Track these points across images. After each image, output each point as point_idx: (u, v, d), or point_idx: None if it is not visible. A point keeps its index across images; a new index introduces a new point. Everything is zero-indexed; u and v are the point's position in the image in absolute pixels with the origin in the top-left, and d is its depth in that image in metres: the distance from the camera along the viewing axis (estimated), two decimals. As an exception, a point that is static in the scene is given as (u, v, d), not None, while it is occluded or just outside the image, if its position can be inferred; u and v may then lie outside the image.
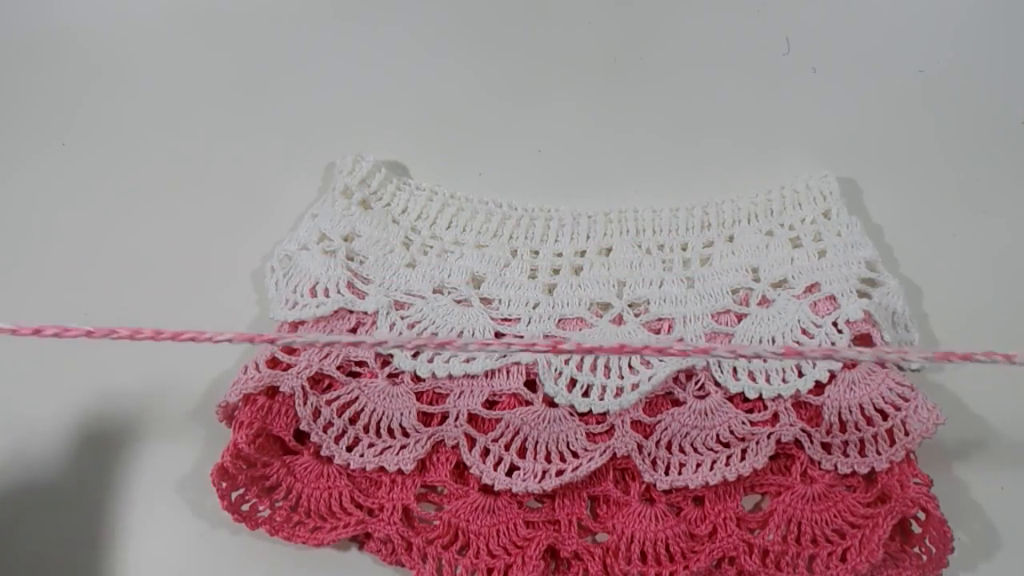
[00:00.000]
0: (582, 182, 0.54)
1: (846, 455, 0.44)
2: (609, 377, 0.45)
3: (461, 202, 0.52)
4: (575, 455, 0.44)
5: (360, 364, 0.46)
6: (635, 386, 0.45)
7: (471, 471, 0.43)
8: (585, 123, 0.56)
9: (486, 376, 0.45)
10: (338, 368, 0.45)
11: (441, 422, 0.45)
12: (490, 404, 0.45)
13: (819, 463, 0.44)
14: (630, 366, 0.45)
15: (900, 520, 0.42)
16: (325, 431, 0.44)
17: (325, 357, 0.45)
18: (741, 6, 0.60)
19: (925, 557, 0.41)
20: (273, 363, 0.45)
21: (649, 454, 0.44)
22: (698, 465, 0.44)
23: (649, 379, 0.45)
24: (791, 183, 0.51)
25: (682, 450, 0.44)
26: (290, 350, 0.46)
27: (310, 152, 0.54)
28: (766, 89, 0.57)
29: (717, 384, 0.45)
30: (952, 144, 0.55)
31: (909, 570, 0.41)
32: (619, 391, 0.45)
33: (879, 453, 0.43)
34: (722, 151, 0.55)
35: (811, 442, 0.44)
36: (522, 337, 0.46)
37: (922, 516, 0.41)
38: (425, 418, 0.45)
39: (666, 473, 0.44)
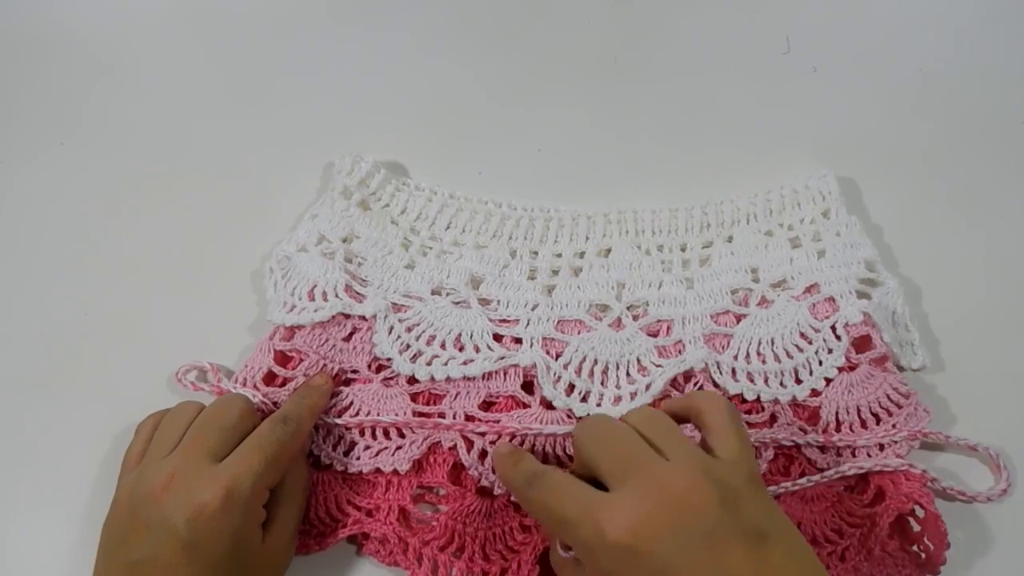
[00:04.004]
0: (582, 182, 0.54)
1: (839, 455, 0.44)
2: (606, 386, 0.45)
3: (460, 202, 0.52)
4: (572, 459, 0.43)
5: (355, 372, 0.46)
6: (633, 395, 0.45)
7: (469, 472, 0.43)
8: (585, 123, 0.56)
9: (483, 377, 0.45)
10: (333, 377, 0.45)
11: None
12: (487, 406, 0.45)
13: (815, 462, 0.44)
14: (628, 373, 0.46)
15: (899, 519, 0.42)
16: (324, 440, 0.45)
17: (321, 370, 0.45)
18: (741, 6, 0.60)
19: (924, 555, 0.41)
20: (270, 378, 0.45)
21: None
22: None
23: (647, 388, 0.45)
24: (790, 183, 0.51)
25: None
26: (284, 362, 0.46)
27: (309, 152, 0.54)
28: (766, 89, 0.57)
29: (715, 385, 0.45)
30: (952, 144, 0.55)
31: (908, 568, 0.41)
32: (617, 399, 0.45)
33: (869, 456, 0.43)
34: (721, 151, 0.55)
35: (805, 433, 0.44)
36: (520, 341, 0.46)
37: (920, 514, 0.42)
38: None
39: None
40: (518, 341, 0.46)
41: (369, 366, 0.46)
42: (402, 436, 0.44)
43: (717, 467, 0.34)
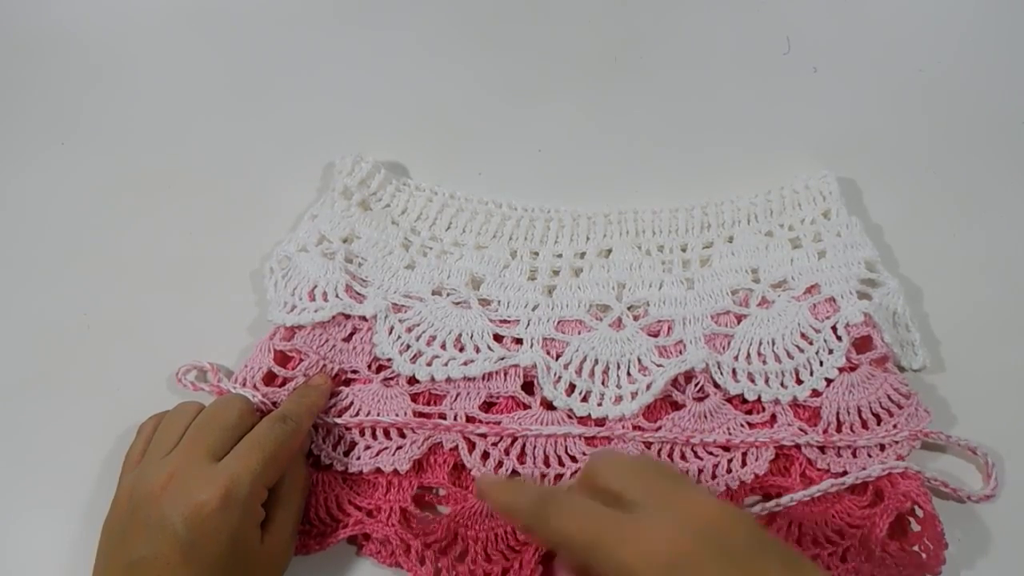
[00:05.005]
0: (582, 182, 0.54)
1: (839, 455, 0.44)
2: (607, 386, 0.45)
3: (461, 202, 0.52)
4: (573, 459, 0.44)
5: (355, 372, 0.46)
6: (634, 395, 0.45)
7: (472, 472, 0.43)
8: (585, 123, 0.56)
9: (483, 378, 0.45)
10: (333, 378, 0.45)
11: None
12: (487, 406, 0.45)
13: (815, 462, 0.44)
14: (628, 373, 0.46)
15: (899, 519, 0.42)
16: (324, 440, 0.45)
17: (321, 370, 0.45)
18: (741, 5, 0.60)
19: (925, 555, 0.41)
20: (270, 378, 0.45)
21: None
22: (699, 471, 0.44)
23: (648, 387, 0.45)
24: (790, 183, 0.51)
25: (683, 457, 0.44)
26: (284, 362, 0.46)
27: (309, 152, 0.54)
28: (766, 89, 0.57)
29: (716, 386, 0.45)
30: (952, 144, 0.55)
31: (909, 568, 0.41)
32: (618, 399, 0.45)
33: (870, 456, 0.44)
34: (722, 151, 0.55)
35: (805, 433, 0.44)
36: (521, 342, 0.46)
37: (920, 513, 0.42)
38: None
39: None
40: (518, 341, 0.46)
41: (369, 366, 0.46)
42: (402, 436, 0.44)
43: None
